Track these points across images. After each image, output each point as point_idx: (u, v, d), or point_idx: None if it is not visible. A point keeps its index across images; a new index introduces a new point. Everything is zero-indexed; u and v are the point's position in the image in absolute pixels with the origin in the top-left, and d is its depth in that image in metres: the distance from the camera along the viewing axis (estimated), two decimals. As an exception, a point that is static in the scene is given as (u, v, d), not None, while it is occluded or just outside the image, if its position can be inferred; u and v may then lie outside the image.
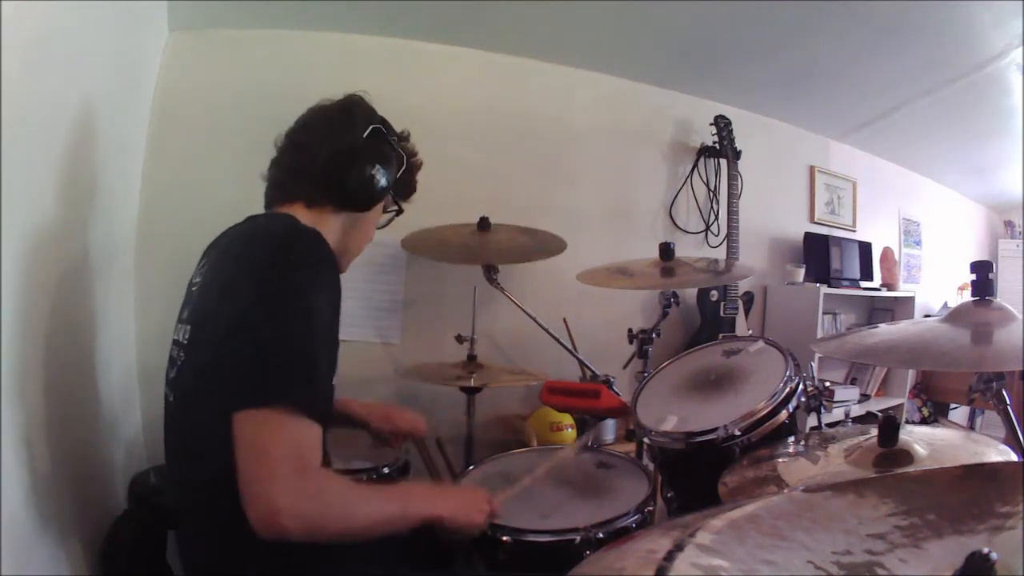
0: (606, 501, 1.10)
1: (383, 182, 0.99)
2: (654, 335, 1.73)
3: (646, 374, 1.48)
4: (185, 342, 0.87)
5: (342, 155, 0.97)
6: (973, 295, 0.91)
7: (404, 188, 1.13)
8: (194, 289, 0.93)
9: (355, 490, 0.82)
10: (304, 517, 0.72)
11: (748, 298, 2.67)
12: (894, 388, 3.21)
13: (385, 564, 0.93)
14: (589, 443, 1.32)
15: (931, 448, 0.87)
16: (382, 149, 1.01)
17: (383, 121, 1.06)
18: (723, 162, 2.59)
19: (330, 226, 1.00)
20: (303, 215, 0.98)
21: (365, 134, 1.00)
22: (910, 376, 3.23)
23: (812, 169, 3.10)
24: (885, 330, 1.00)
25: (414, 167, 1.14)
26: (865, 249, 3.19)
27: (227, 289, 0.82)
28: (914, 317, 3.11)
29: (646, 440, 1.18)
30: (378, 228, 1.15)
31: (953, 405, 3.51)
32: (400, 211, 1.17)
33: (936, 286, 3.73)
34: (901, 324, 1.02)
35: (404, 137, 1.12)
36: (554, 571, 0.90)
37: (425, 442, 1.49)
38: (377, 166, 0.98)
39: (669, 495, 1.19)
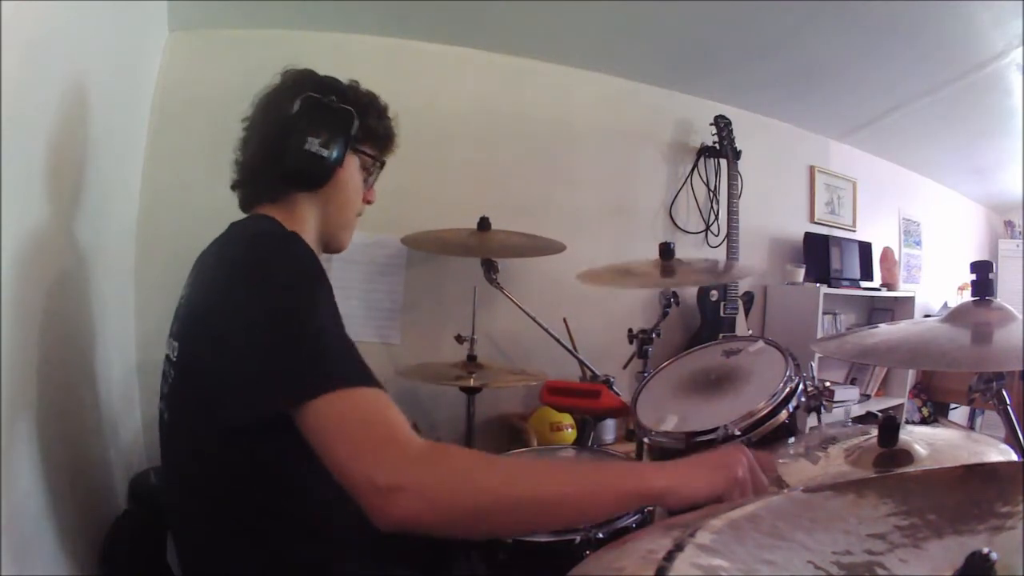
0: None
1: (328, 151, 0.93)
2: (654, 335, 1.73)
3: (646, 374, 1.48)
4: (174, 358, 0.85)
5: (276, 139, 0.93)
6: (973, 295, 0.91)
7: (374, 139, 1.04)
8: (181, 303, 0.90)
9: (499, 464, 0.69)
10: (419, 492, 0.59)
11: (748, 298, 2.67)
12: (894, 388, 3.21)
13: (381, 564, 0.92)
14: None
15: (931, 448, 0.87)
16: (316, 117, 0.94)
17: (320, 84, 0.98)
18: (723, 162, 2.59)
19: (304, 212, 0.98)
20: (273, 212, 0.96)
21: (295, 108, 0.94)
22: (910, 376, 3.23)
23: (812, 169, 3.10)
24: (885, 330, 1.00)
25: (374, 113, 1.03)
26: (865, 249, 3.19)
27: (214, 305, 0.79)
28: (914, 317, 3.11)
29: (646, 440, 1.17)
30: (369, 188, 1.08)
31: (953, 405, 3.51)
32: (382, 164, 1.08)
33: (936, 286, 3.73)
34: (901, 324, 1.02)
35: (351, 88, 1.02)
36: (554, 571, 0.90)
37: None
38: (310, 138, 0.92)
39: (669, 495, 1.18)
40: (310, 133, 0.93)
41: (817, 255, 2.92)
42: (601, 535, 0.97)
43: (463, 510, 0.62)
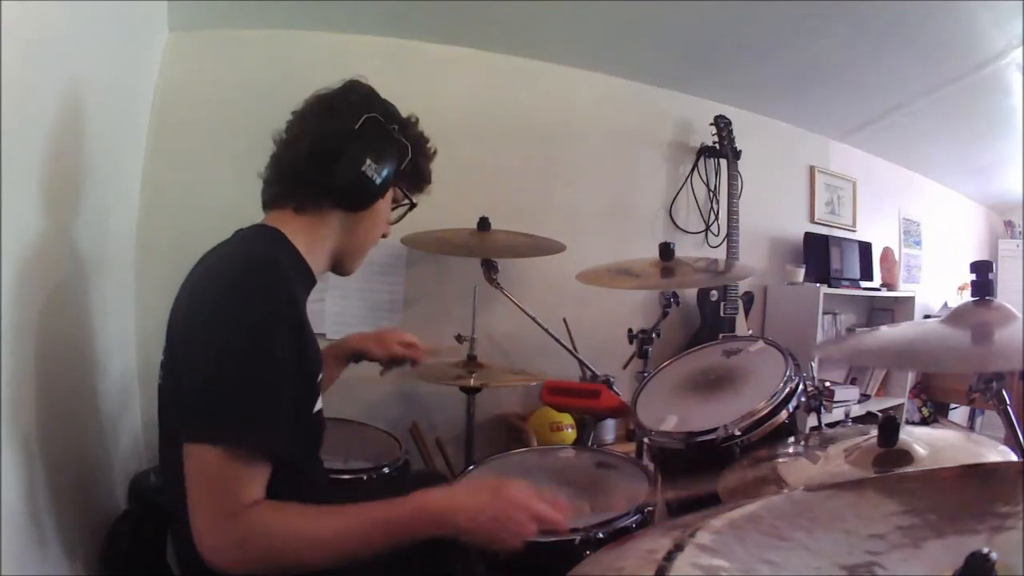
0: (606, 501, 1.10)
1: (380, 177, 0.92)
2: (654, 335, 1.73)
3: (646, 374, 1.48)
4: (163, 359, 0.88)
5: (330, 149, 0.90)
6: (973, 295, 0.90)
7: (415, 179, 1.04)
8: (173, 308, 0.90)
9: (306, 524, 0.75)
10: (233, 560, 0.72)
11: (748, 298, 2.67)
12: (894, 388, 3.21)
13: (377, 565, 0.92)
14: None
15: (931, 449, 0.87)
16: (377, 140, 0.93)
17: (385, 108, 0.97)
18: (723, 162, 2.59)
19: (328, 230, 0.97)
20: (291, 224, 0.94)
21: (358, 125, 0.91)
22: (910, 376, 3.23)
23: (812, 169, 3.10)
24: (886, 333, 0.99)
25: (424, 155, 1.04)
26: (865, 249, 3.19)
27: (188, 324, 0.82)
28: (914, 317, 3.12)
29: (646, 440, 1.18)
30: (391, 223, 1.07)
31: (953, 405, 3.51)
32: (413, 205, 1.08)
33: (936, 286, 3.73)
34: (902, 326, 1.01)
35: (411, 123, 1.02)
36: (554, 571, 0.90)
37: (424, 440, 1.50)
38: (369, 161, 0.90)
39: (669, 495, 1.19)
40: (368, 155, 0.91)
41: (817, 255, 2.92)
42: (601, 535, 0.97)
43: (268, 569, 0.73)
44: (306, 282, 0.96)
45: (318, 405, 0.94)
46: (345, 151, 0.91)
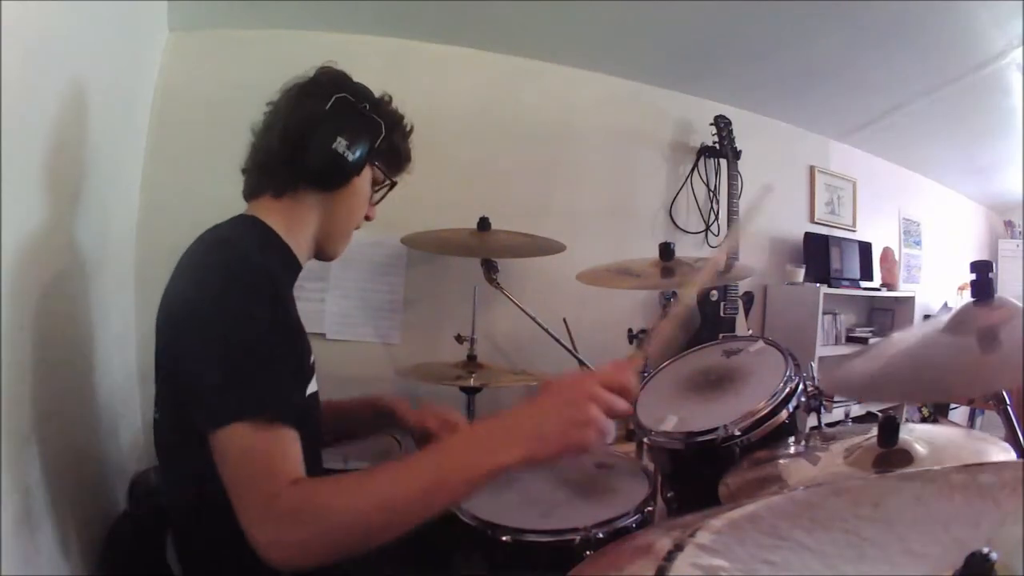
0: (606, 501, 1.10)
1: (352, 155, 0.92)
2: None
3: (646, 374, 1.48)
4: (155, 356, 0.87)
5: (301, 130, 0.92)
6: (973, 295, 0.90)
7: (392, 157, 1.03)
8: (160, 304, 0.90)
9: (352, 489, 0.69)
10: (291, 545, 0.65)
11: (748, 298, 2.67)
12: (894, 388, 3.20)
13: (379, 563, 0.91)
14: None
15: (931, 447, 0.87)
16: (348, 119, 0.93)
17: (355, 88, 0.98)
18: (723, 162, 2.59)
19: (306, 213, 0.97)
20: (271, 210, 0.95)
21: (328, 105, 0.92)
22: (910, 376, 3.22)
23: (812, 169, 3.11)
24: (890, 354, 0.95)
25: (399, 132, 1.03)
26: (865, 249, 3.19)
27: (172, 318, 0.82)
28: (914, 317, 3.12)
29: (646, 440, 1.17)
30: (373, 204, 1.06)
31: (953, 405, 3.51)
32: (392, 184, 1.06)
33: (936, 286, 3.73)
34: (907, 346, 0.95)
35: (383, 101, 1.02)
36: (554, 571, 0.90)
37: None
38: (340, 138, 0.91)
39: (669, 495, 1.19)
40: (338, 133, 0.91)
41: (817, 255, 2.92)
42: (601, 535, 0.97)
43: (334, 550, 0.66)
44: (287, 263, 0.97)
45: (312, 387, 0.93)
46: (316, 131, 0.91)
